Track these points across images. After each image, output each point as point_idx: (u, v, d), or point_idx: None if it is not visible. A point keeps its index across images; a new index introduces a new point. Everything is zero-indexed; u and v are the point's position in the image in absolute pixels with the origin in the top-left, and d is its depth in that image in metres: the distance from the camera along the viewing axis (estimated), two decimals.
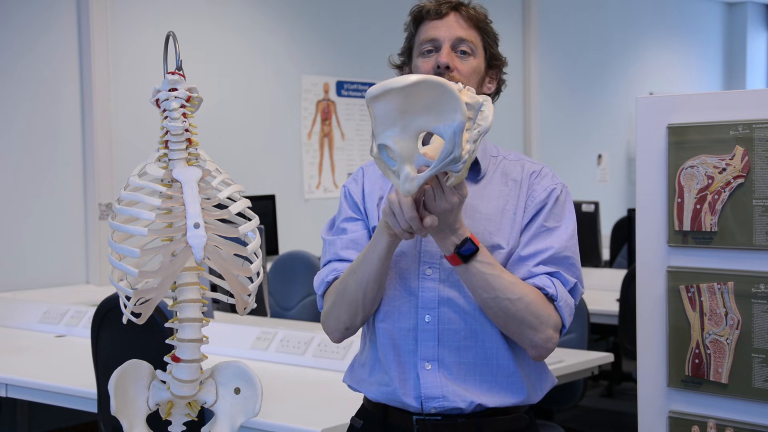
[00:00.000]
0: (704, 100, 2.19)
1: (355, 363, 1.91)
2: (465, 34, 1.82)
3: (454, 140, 1.50)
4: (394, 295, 1.80)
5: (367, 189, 1.90)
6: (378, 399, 1.81)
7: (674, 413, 2.20)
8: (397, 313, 1.79)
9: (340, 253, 1.85)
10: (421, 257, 1.79)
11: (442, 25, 1.83)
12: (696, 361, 2.16)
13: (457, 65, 1.80)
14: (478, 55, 1.83)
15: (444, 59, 1.79)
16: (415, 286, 1.78)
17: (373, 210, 1.87)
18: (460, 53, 1.81)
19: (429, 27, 1.84)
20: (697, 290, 2.15)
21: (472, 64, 1.82)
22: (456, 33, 1.82)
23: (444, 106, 1.49)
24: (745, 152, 2.07)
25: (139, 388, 1.61)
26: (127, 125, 5.15)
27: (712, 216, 2.13)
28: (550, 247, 1.76)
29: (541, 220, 1.79)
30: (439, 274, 1.78)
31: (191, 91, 1.61)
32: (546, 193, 1.81)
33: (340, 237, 1.87)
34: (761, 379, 2.08)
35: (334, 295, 1.81)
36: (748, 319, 2.08)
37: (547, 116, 7.93)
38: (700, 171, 2.14)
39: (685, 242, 2.17)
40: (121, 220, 1.57)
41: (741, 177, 2.08)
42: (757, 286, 2.07)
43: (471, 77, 1.81)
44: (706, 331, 2.14)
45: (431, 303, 1.77)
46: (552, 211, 1.80)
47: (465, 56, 1.81)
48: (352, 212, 1.89)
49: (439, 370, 1.75)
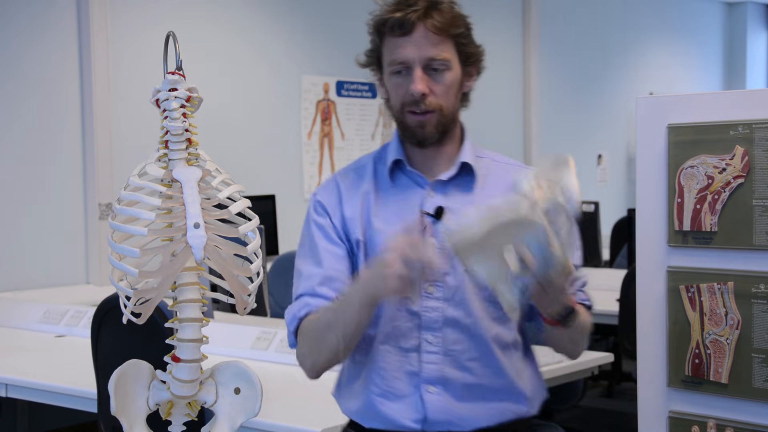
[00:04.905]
0: (704, 100, 2.19)
1: (342, 381, 1.83)
2: (435, 52, 1.71)
3: (542, 253, 1.47)
4: (395, 314, 1.72)
5: (347, 201, 1.81)
6: (373, 425, 1.74)
7: (674, 413, 2.20)
8: (398, 334, 1.72)
9: (316, 289, 1.75)
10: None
11: (409, 44, 1.70)
12: (696, 361, 2.16)
13: (432, 88, 1.71)
14: (453, 65, 1.74)
15: (418, 88, 1.70)
16: (416, 305, 1.71)
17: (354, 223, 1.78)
18: (433, 70, 1.72)
19: (396, 45, 1.72)
20: (697, 290, 2.15)
21: (447, 79, 1.73)
22: (426, 53, 1.70)
23: (521, 228, 1.46)
24: (745, 152, 2.07)
25: (139, 388, 1.61)
26: (127, 125, 5.15)
27: (712, 216, 2.13)
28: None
29: None
30: (443, 293, 1.71)
31: (191, 91, 1.61)
32: None
33: (316, 270, 1.76)
34: (761, 379, 2.07)
35: (310, 342, 1.72)
36: (748, 319, 2.08)
37: (547, 116, 7.93)
38: (700, 171, 2.14)
39: (685, 242, 2.17)
40: (121, 220, 1.57)
41: (741, 177, 2.08)
42: (757, 286, 2.07)
43: (448, 93, 1.74)
44: (706, 331, 2.14)
45: (435, 323, 1.70)
46: None
47: (439, 72, 1.72)
48: (329, 236, 1.79)
49: (444, 393, 1.70)
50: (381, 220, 1.77)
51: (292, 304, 1.78)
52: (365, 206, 1.79)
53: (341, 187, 1.83)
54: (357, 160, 1.90)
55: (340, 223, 1.80)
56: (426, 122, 1.73)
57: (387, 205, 1.78)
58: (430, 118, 1.73)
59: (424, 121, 1.73)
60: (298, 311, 1.75)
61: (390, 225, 1.74)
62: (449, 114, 1.75)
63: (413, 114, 1.73)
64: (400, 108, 1.75)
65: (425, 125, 1.73)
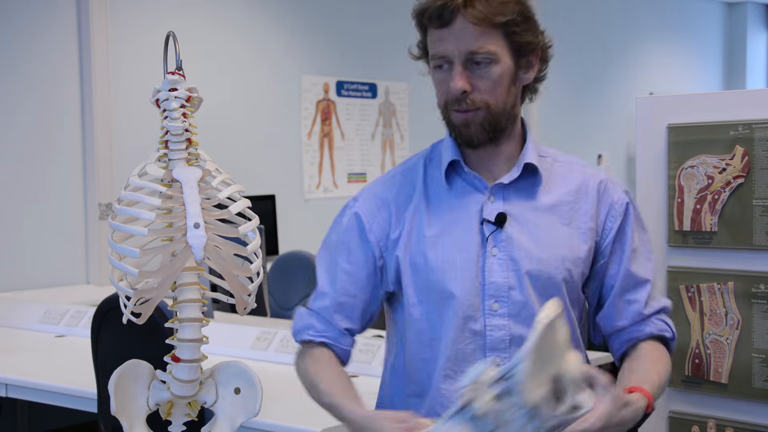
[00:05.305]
0: (704, 100, 2.19)
1: None
2: (477, 45, 1.52)
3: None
4: (456, 337, 1.55)
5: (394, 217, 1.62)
6: None
7: (674, 413, 2.20)
8: (461, 357, 1.55)
9: (323, 314, 1.63)
10: (486, 290, 1.55)
11: (449, 36, 1.54)
12: (696, 361, 2.16)
13: (475, 84, 1.54)
14: (502, 58, 1.54)
15: (458, 85, 1.53)
16: (480, 324, 1.55)
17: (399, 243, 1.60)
18: (476, 64, 1.54)
19: (435, 38, 1.56)
20: (697, 290, 2.15)
21: (494, 73, 1.54)
22: (466, 46, 1.52)
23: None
24: (745, 152, 2.07)
25: (139, 388, 1.61)
26: (127, 125, 5.15)
27: (712, 216, 2.13)
28: (647, 279, 1.62)
29: (629, 245, 1.61)
30: (509, 309, 1.54)
31: (191, 91, 1.61)
32: (623, 208, 1.62)
33: (329, 289, 1.63)
34: (761, 379, 2.07)
35: (301, 378, 1.63)
36: (748, 319, 2.08)
37: (547, 116, 7.93)
38: (700, 171, 2.14)
39: (685, 242, 2.17)
40: (121, 220, 1.57)
41: (741, 177, 2.08)
42: (757, 286, 2.07)
43: (495, 88, 1.55)
44: (706, 331, 2.14)
45: (502, 344, 1.54)
46: (633, 228, 1.62)
47: (483, 67, 1.54)
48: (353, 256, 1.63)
49: None
50: (435, 230, 1.59)
51: (302, 310, 1.68)
52: (416, 222, 1.61)
53: (388, 199, 1.65)
54: (406, 160, 1.72)
55: (378, 239, 1.63)
56: (471, 121, 1.56)
57: (441, 212, 1.60)
58: (475, 116, 1.55)
59: (468, 119, 1.56)
60: (303, 330, 1.65)
61: (446, 236, 1.58)
62: (499, 111, 1.56)
63: (457, 112, 1.57)
64: (444, 106, 1.59)
65: (470, 124, 1.56)
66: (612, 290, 1.63)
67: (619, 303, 1.63)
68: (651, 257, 1.65)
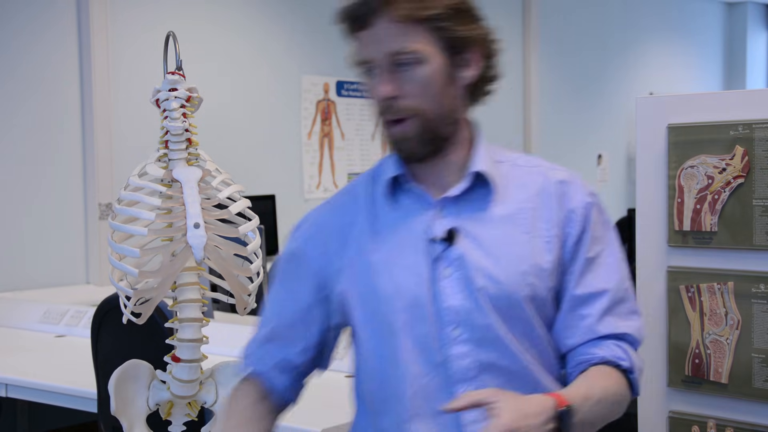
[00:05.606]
0: (704, 100, 2.19)
1: None
2: (400, 45, 1.37)
3: None
4: (416, 372, 1.38)
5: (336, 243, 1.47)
6: None
7: (674, 413, 2.20)
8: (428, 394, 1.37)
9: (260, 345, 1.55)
10: (442, 316, 1.37)
11: (369, 39, 1.40)
12: (696, 361, 2.16)
13: (403, 89, 1.37)
14: (429, 57, 1.37)
15: (382, 90, 1.37)
16: (441, 355, 1.37)
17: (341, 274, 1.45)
18: (402, 66, 1.37)
19: (359, 42, 1.43)
20: (697, 290, 2.15)
21: (421, 74, 1.37)
22: (388, 47, 1.37)
23: None
24: (745, 152, 2.07)
25: (139, 388, 1.61)
26: (127, 125, 5.15)
27: (712, 216, 2.13)
28: (604, 290, 1.42)
29: (583, 253, 1.43)
30: (470, 334, 1.36)
31: (191, 91, 1.61)
32: (583, 211, 1.45)
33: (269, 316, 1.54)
34: (761, 379, 2.07)
35: None
36: (748, 319, 2.08)
37: (547, 116, 7.93)
38: (700, 171, 2.14)
39: (685, 242, 2.17)
40: (121, 220, 1.57)
41: (741, 177, 2.08)
42: (757, 286, 2.07)
43: (426, 92, 1.38)
44: (706, 331, 2.14)
45: (469, 373, 1.36)
46: (593, 234, 1.44)
47: (409, 68, 1.37)
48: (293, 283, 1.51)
49: None
50: (381, 254, 1.42)
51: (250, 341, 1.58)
52: (361, 247, 1.44)
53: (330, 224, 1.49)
54: (356, 177, 1.56)
55: (320, 268, 1.48)
56: (407, 133, 1.39)
57: (387, 234, 1.43)
58: (410, 126, 1.39)
59: (404, 132, 1.39)
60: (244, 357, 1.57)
61: (393, 260, 1.41)
62: (435, 117, 1.39)
63: (390, 124, 1.40)
64: (378, 117, 1.42)
65: (407, 137, 1.39)
66: (564, 303, 1.43)
67: (568, 317, 1.42)
68: (619, 265, 1.47)
